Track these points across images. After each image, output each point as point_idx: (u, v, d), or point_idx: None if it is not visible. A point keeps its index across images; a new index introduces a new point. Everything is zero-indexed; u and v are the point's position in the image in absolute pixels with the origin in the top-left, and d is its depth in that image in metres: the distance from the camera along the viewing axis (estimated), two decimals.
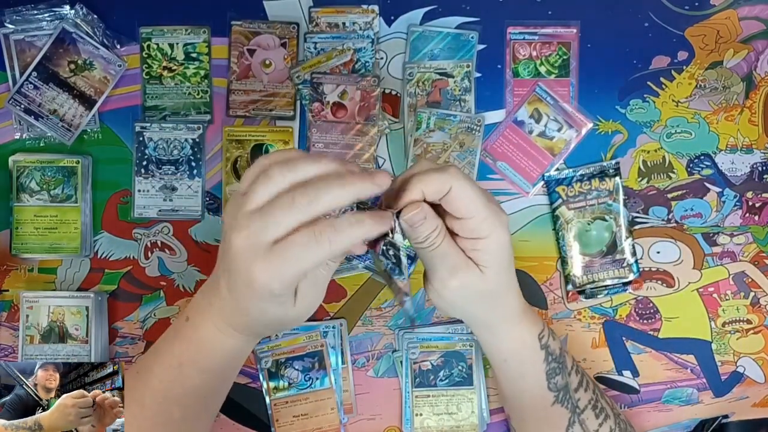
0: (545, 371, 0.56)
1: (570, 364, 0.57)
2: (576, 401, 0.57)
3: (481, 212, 0.47)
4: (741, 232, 0.69)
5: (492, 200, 0.49)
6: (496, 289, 0.51)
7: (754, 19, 0.69)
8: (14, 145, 0.69)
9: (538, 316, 0.57)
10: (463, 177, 0.47)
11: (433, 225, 0.47)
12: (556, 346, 0.57)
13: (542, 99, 0.69)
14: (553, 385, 0.56)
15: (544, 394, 0.56)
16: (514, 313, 0.55)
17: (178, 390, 0.51)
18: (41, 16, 0.67)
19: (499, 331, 0.56)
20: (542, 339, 0.56)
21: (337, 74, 0.68)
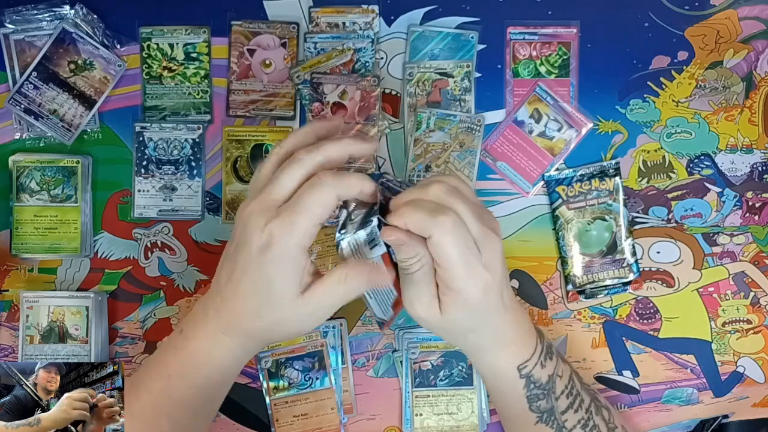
0: (525, 396, 0.55)
1: (561, 389, 0.56)
2: (563, 422, 0.56)
3: (456, 268, 0.47)
4: (741, 232, 0.69)
5: (479, 255, 0.48)
6: (455, 330, 0.52)
7: (754, 19, 0.69)
8: (14, 145, 0.69)
9: (530, 343, 0.55)
10: (451, 231, 0.46)
11: (411, 253, 0.48)
12: (543, 374, 0.55)
13: (542, 99, 0.69)
14: (535, 407, 0.55)
15: (526, 414, 0.56)
16: (487, 347, 0.54)
17: (166, 402, 0.51)
18: (41, 16, 0.67)
19: (473, 357, 0.56)
20: (524, 369, 0.54)
21: (337, 74, 0.68)
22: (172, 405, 0.51)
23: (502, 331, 0.53)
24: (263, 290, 0.47)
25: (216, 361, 0.51)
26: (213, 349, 0.50)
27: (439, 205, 0.47)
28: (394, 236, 0.47)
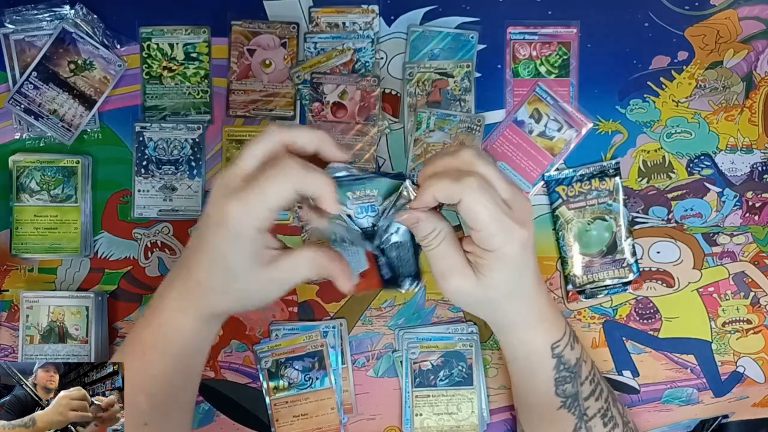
0: (554, 378, 0.55)
1: (585, 374, 0.57)
2: (584, 409, 0.56)
3: (490, 227, 0.47)
4: (741, 232, 0.69)
5: (510, 212, 0.48)
6: (494, 297, 0.51)
7: (754, 19, 0.69)
8: (14, 145, 0.69)
9: (561, 324, 0.56)
10: (479, 189, 0.46)
11: (429, 228, 0.48)
12: (572, 356, 0.56)
13: (542, 99, 0.69)
14: (561, 391, 0.56)
15: (551, 399, 0.56)
16: (524, 320, 0.54)
17: (143, 378, 0.51)
18: (41, 16, 0.67)
19: (508, 334, 0.56)
20: (556, 349, 0.55)
21: (337, 74, 0.68)
22: (149, 380, 0.51)
23: (537, 302, 0.54)
24: (222, 264, 0.47)
25: (187, 330, 0.51)
26: (182, 319, 0.51)
27: (461, 170, 0.47)
28: (406, 215, 0.47)
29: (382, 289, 0.55)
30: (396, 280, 0.52)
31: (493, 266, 0.49)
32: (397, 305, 0.68)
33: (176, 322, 0.51)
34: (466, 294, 0.51)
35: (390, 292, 0.67)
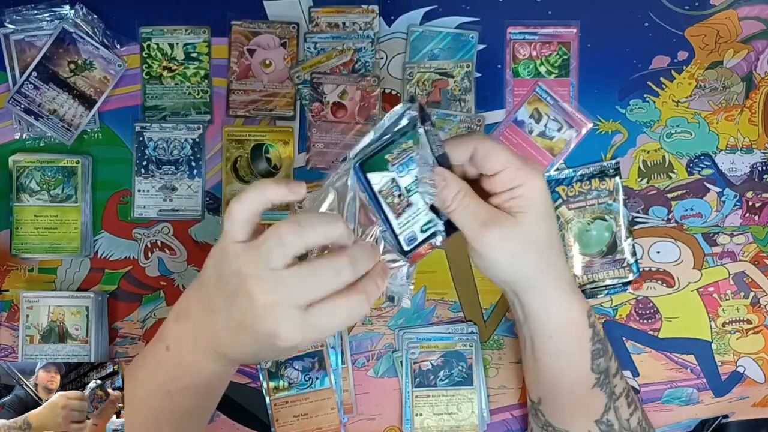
0: (590, 351, 0.54)
1: (611, 349, 0.57)
2: (613, 387, 0.56)
3: (514, 162, 0.49)
4: (741, 232, 0.69)
5: (525, 159, 0.50)
6: (537, 236, 0.51)
7: (754, 19, 0.69)
8: (14, 145, 0.69)
9: (582, 297, 0.56)
10: (486, 137, 0.49)
11: (456, 188, 0.49)
12: (600, 327, 0.56)
13: (542, 99, 0.69)
14: (596, 366, 0.54)
15: (587, 375, 0.55)
16: (563, 278, 0.53)
17: (169, 414, 0.51)
18: (41, 16, 0.67)
19: (549, 296, 0.53)
20: (590, 317, 0.55)
21: (337, 74, 0.68)
22: (173, 413, 0.51)
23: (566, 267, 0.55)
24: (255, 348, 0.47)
25: (216, 369, 0.50)
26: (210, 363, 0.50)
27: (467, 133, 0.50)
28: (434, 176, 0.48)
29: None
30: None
31: (526, 201, 0.50)
32: (397, 305, 0.68)
33: (206, 365, 0.50)
34: (510, 241, 0.50)
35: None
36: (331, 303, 0.44)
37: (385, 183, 0.47)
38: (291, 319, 0.43)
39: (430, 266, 0.68)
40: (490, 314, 0.69)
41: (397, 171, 0.46)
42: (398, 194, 0.48)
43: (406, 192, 0.48)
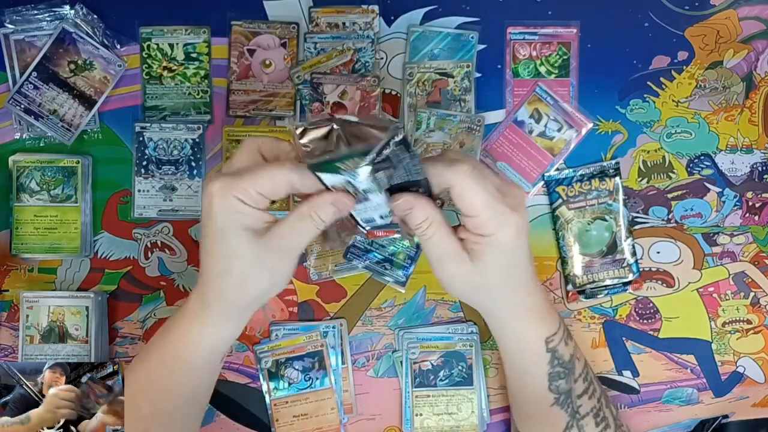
0: (548, 373, 0.56)
1: (579, 372, 0.57)
2: (577, 407, 0.56)
3: (485, 212, 0.48)
4: (741, 232, 0.69)
5: (503, 199, 0.48)
6: (490, 283, 0.51)
7: (754, 19, 0.69)
8: (14, 145, 0.69)
9: (555, 319, 0.56)
10: (471, 175, 0.47)
11: (422, 217, 0.48)
12: (566, 352, 0.56)
13: (542, 99, 0.69)
14: (554, 387, 0.56)
15: (545, 394, 0.56)
16: (518, 311, 0.54)
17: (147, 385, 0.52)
18: (41, 16, 0.67)
19: (503, 325, 0.56)
20: (550, 343, 0.55)
21: (337, 74, 0.68)
22: (154, 388, 0.52)
23: (532, 294, 0.54)
24: (219, 242, 0.48)
25: (202, 336, 0.51)
26: (197, 326, 0.51)
27: (454, 159, 0.48)
28: (400, 201, 0.47)
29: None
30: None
31: (489, 251, 0.49)
32: (397, 305, 0.68)
33: (194, 329, 0.51)
34: (462, 281, 0.51)
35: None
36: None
37: (339, 181, 0.47)
38: (219, 178, 0.47)
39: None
40: None
41: (351, 177, 0.46)
42: (353, 191, 0.48)
43: (363, 192, 0.47)
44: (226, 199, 0.46)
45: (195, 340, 0.52)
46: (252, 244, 0.48)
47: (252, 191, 0.46)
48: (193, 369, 0.53)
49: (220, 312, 0.51)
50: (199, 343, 0.52)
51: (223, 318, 0.52)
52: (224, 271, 0.49)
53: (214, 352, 0.53)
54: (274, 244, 0.48)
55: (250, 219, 0.48)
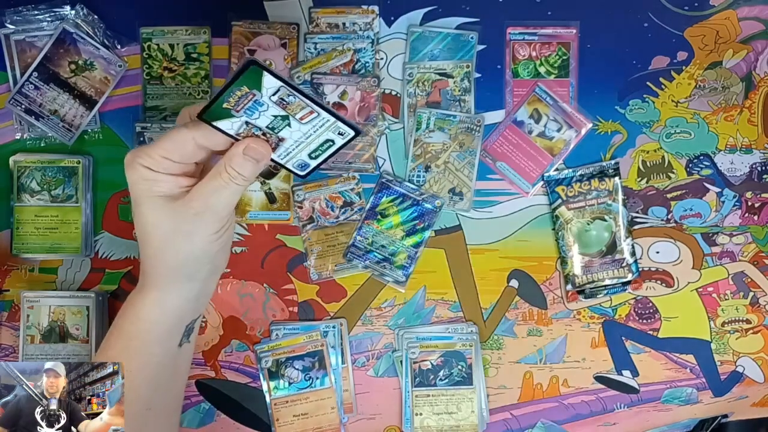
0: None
1: None
2: None
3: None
4: (740, 232, 0.69)
5: None
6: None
7: (753, 20, 0.69)
8: (15, 146, 0.69)
9: None
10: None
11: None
12: None
13: (542, 99, 0.69)
14: None
15: None
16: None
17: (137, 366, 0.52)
18: (42, 16, 0.68)
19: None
20: None
21: (337, 75, 0.68)
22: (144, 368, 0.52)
23: None
24: (136, 210, 0.49)
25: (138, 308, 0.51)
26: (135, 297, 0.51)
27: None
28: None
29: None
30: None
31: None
32: (397, 305, 0.69)
33: (138, 302, 0.51)
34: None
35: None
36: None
37: (239, 126, 0.47)
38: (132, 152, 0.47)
39: (430, 266, 0.68)
40: (490, 314, 0.69)
41: (247, 114, 0.46)
42: (261, 133, 0.48)
43: (270, 131, 0.47)
44: (135, 169, 0.47)
45: (140, 312, 0.51)
46: (167, 210, 0.48)
47: (156, 156, 0.47)
48: (143, 344, 0.52)
49: (154, 280, 0.51)
50: (145, 315, 0.51)
51: (159, 286, 0.51)
52: (145, 240, 0.49)
53: (159, 323, 0.52)
54: (190, 208, 0.48)
55: (162, 186, 0.48)
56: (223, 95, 0.45)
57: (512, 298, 0.69)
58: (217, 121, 0.46)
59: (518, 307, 0.69)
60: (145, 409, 0.53)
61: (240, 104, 0.45)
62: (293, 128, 0.47)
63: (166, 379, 0.55)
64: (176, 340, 0.54)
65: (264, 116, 0.46)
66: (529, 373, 0.69)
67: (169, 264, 0.50)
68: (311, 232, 0.68)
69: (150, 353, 0.52)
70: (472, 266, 0.69)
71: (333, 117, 0.47)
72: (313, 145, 0.49)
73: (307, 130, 0.48)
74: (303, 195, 0.68)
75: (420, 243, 0.68)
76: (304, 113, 0.47)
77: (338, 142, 0.49)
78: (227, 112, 0.45)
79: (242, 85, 0.44)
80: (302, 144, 0.49)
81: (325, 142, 0.49)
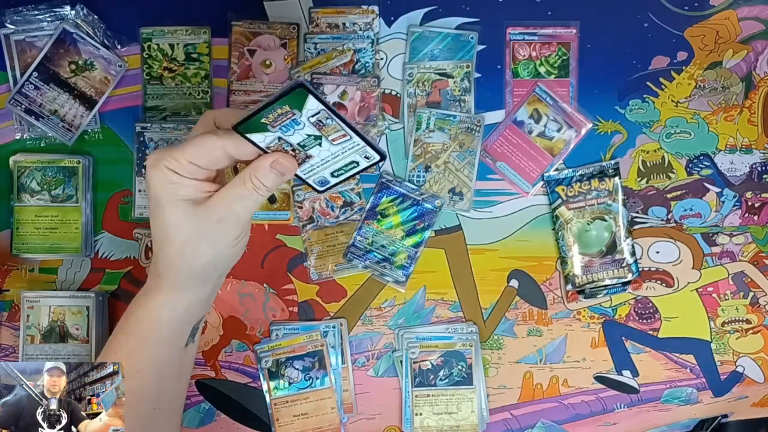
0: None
1: None
2: None
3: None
4: (740, 232, 0.69)
5: None
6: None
7: (753, 20, 0.69)
8: (15, 146, 0.69)
9: None
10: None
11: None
12: None
13: (542, 99, 0.69)
14: None
15: None
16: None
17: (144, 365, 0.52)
18: (42, 16, 0.68)
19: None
20: None
21: (337, 75, 0.68)
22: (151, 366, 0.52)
23: None
24: (158, 212, 0.48)
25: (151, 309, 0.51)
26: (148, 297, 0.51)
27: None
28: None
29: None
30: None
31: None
32: (397, 305, 0.69)
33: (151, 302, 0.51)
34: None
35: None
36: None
37: (272, 140, 0.47)
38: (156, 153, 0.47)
39: (430, 266, 0.68)
40: (490, 314, 0.69)
41: (282, 131, 0.47)
42: (291, 149, 0.48)
43: (300, 148, 0.48)
44: (159, 170, 0.47)
45: (151, 313, 0.51)
46: (189, 214, 0.48)
47: (182, 160, 0.46)
48: (154, 345, 0.52)
49: (170, 282, 0.51)
50: (156, 315, 0.51)
51: (175, 287, 0.51)
52: (165, 242, 0.49)
53: (170, 324, 0.52)
54: (213, 214, 0.48)
55: (187, 189, 0.47)
56: (263, 111, 0.45)
57: (512, 298, 0.69)
58: (250, 133, 0.47)
59: (518, 307, 0.69)
60: (151, 409, 0.53)
61: (278, 121, 0.46)
62: (323, 147, 0.48)
63: (173, 379, 0.55)
64: (184, 341, 0.54)
65: (298, 134, 0.47)
66: (529, 373, 0.69)
67: (189, 266, 0.50)
68: (311, 232, 0.68)
69: (159, 353, 0.53)
70: (472, 266, 0.69)
71: (363, 141, 0.48)
72: (338, 164, 0.50)
73: (336, 150, 0.49)
74: (303, 195, 0.68)
75: (420, 243, 0.68)
76: (337, 135, 0.48)
77: (362, 164, 0.50)
78: (263, 126, 0.46)
79: (285, 104, 0.45)
80: (328, 163, 0.50)
81: (350, 163, 0.50)
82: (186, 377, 0.58)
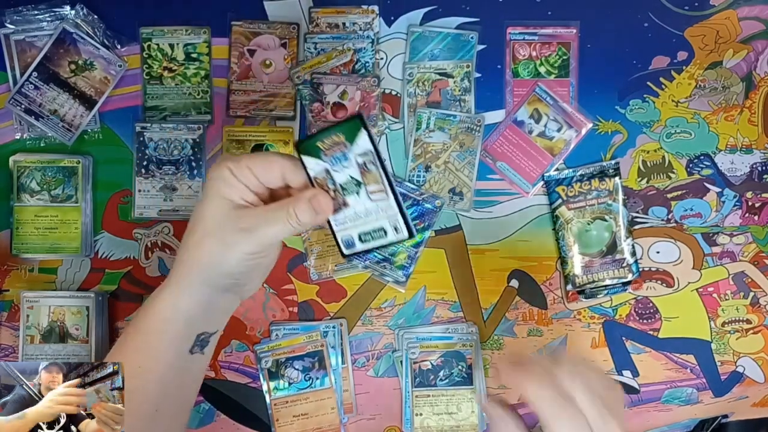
0: None
1: None
2: None
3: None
4: (741, 232, 0.69)
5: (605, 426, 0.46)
6: None
7: (753, 19, 0.69)
8: (15, 146, 0.69)
9: None
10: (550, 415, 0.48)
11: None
12: None
13: (542, 99, 0.69)
14: None
15: None
16: None
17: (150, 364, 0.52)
18: (42, 16, 0.68)
19: None
20: None
21: (337, 74, 0.68)
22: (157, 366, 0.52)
23: None
24: (201, 201, 0.50)
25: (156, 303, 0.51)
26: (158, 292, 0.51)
27: (562, 397, 0.48)
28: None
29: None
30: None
31: None
32: (398, 305, 0.69)
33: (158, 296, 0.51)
34: None
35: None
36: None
37: (320, 171, 0.48)
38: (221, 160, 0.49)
39: (430, 266, 0.68)
40: (490, 314, 0.69)
41: (331, 163, 0.48)
42: (333, 188, 0.49)
43: (341, 189, 0.48)
44: (219, 167, 0.49)
45: (156, 308, 0.52)
46: (222, 211, 0.49)
47: (243, 165, 0.49)
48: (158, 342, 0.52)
49: (176, 277, 0.51)
50: (160, 310, 0.52)
51: (178, 283, 0.51)
52: (191, 231, 0.50)
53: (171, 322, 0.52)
54: (241, 221, 0.49)
55: (232, 190, 0.49)
56: (322, 133, 0.47)
57: (512, 298, 0.69)
58: (306, 156, 0.48)
59: (518, 307, 0.69)
60: (153, 410, 0.53)
61: (331, 149, 0.47)
62: (360, 198, 0.48)
63: (176, 385, 0.55)
64: (187, 345, 0.54)
65: (343, 173, 0.48)
66: None
67: (196, 261, 0.51)
68: (311, 232, 0.68)
69: (162, 352, 0.53)
70: (472, 266, 0.69)
71: (398, 208, 0.48)
72: (367, 226, 0.50)
73: (370, 207, 0.49)
74: None
75: (420, 243, 0.68)
76: (376, 189, 0.48)
77: (389, 236, 0.49)
78: (318, 151, 0.48)
79: (341, 132, 0.46)
80: (359, 219, 0.50)
81: (379, 229, 0.50)
82: (191, 388, 0.57)
